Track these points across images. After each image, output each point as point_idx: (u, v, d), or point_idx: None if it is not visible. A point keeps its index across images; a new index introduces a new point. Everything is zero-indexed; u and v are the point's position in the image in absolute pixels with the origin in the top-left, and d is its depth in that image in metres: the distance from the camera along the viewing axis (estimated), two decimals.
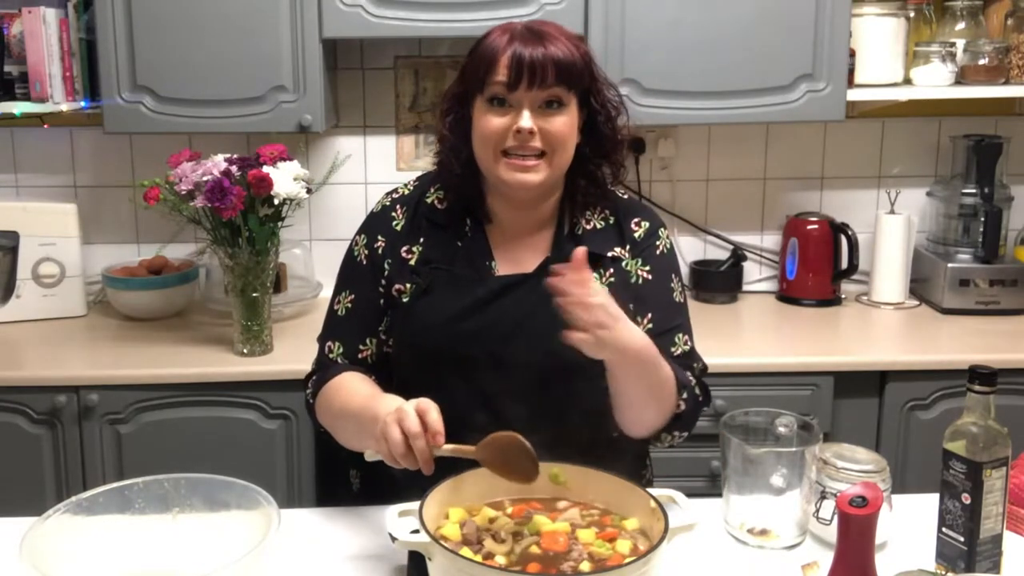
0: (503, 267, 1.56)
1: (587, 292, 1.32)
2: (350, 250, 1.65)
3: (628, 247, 1.59)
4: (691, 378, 1.56)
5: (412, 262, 1.56)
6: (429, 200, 1.60)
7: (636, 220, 1.61)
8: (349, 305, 1.61)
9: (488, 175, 1.52)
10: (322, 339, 1.64)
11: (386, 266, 1.58)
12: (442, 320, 1.51)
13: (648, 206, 1.69)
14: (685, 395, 1.51)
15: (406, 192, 1.64)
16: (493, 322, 1.50)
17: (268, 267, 2.32)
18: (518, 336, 1.50)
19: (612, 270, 1.56)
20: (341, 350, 1.60)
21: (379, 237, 1.60)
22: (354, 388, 1.52)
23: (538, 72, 1.43)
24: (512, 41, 1.45)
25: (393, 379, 1.59)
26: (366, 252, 1.61)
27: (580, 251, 1.33)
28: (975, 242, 2.70)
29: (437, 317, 1.51)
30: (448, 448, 1.28)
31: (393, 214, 1.61)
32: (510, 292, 1.52)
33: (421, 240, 1.57)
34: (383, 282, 1.58)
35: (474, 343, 1.50)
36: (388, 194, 1.67)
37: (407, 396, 1.41)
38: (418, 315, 1.53)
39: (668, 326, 1.58)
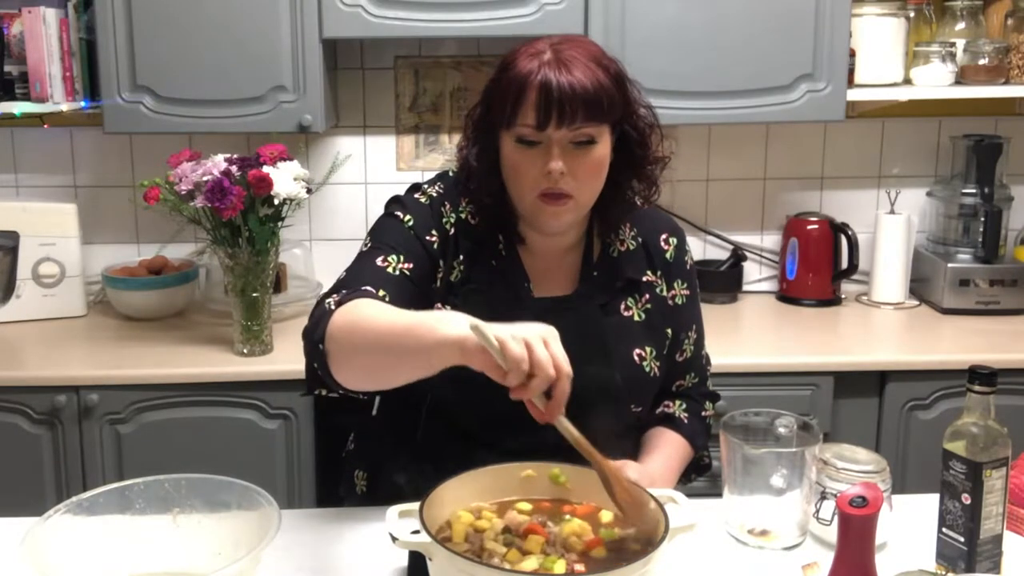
0: (538, 289, 1.52)
1: None
2: (396, 220, 1.50)
3: (660, 271, 1.58)
4: (708, 419, 1.66)
5: (453, 278, 1.50)
6: (463, 215, 1.52)
7: (663, 237, 1.60)
8: (407, 272, 1.44)
9: (522, 211, 1.47)
10: (358, 282, 1.41)
11: (442, 264, 1.49)
12: None
13: (664, 214, 1.65)
14: (707, 453, 1.64)
15: (443, 193, 1.54)
16: None
17: (268, 267, 2.31)
18: None
19: (647, 296, 1.56)
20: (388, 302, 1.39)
21: (432, 232, 1.49)
22: (396, 311, 1.29)
23: (567, 112, 1.36)
24: (539, 72, 1.37)
25: (414, 393, 1.47)
26: (415, 235, 1.48)
27: None
28: (975, 242, 2.71)
29: None
30: (572, 430, 1.18)
31: (443, 210, 1.52)
32: (547, 315, 1.48)
33: (461, 257, 1.50)
34: (441, 280, 1.49)
35: None
36: (428, 185, 1.56)
37: (436, 414, 1.40)
38: None
39: (702, 335, 1.66)
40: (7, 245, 2.59)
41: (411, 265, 1.45)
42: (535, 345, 1.10)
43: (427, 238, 1.49)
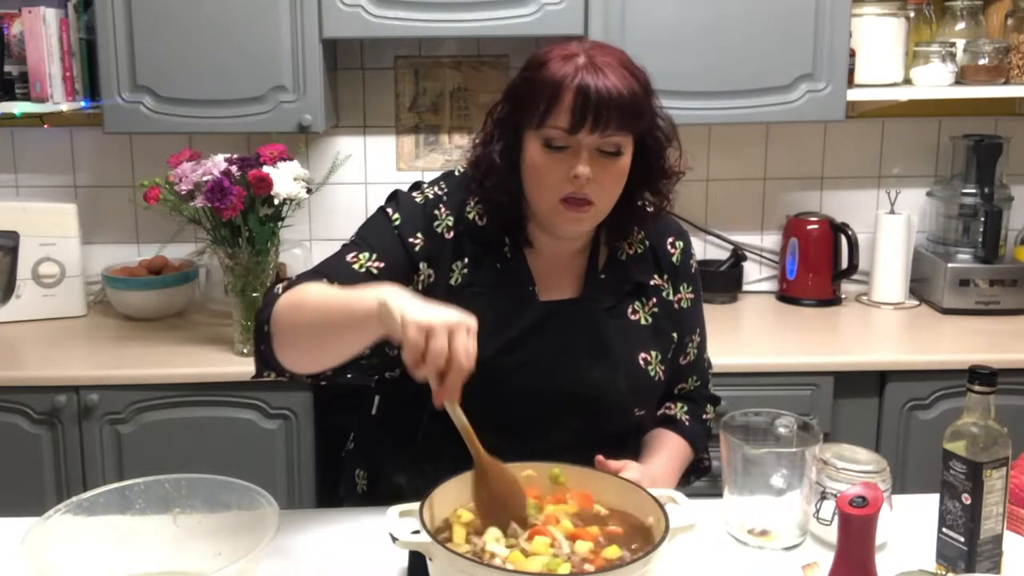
0: (543, 292, 1.51)
1: None
2: (385, 217, 1.50)
3: (667, 275, 1.58)
4: (708, 422, 1.66)
5: (453, 282, 1.48)
6: (470, 215, 1.50)
7: (670, 240, 1.60)
8: (375, 271, 1.44)
9: (539, 214, 1.45)
10: (317, 276, 1.43)
11: (422, 267, 1.47)
12: (485, 354, 1.37)
13: (670, 217, 1.62)
14: (707, 456, 1.64)
15: (443, 195, 1.51)
16: (535, 352, 1.46)
17: (268, 267, 2.32)
18: (559, 367, 1.47)
19: (655, 299, 1.56)
20: None
21: (418, 234, 1.48)
22: (337, 289, 1.33)
23: (602, 117, 1.34)
24: (577, 75, 1.35)
25: (414, 395, 1.48)
26: (399, 235, 1.47)
27: (601, 463, 1.34)
28: (975, 242, 2.71)
29: (480, 351, 1.37)
30: (464, 421, 1.20)
31: (437, 212, 1.49)
32: (552, 319, 1.49)
33: (464, 260, 1.48)
34: (420, 283, 1.48)
35: (515, 375, 1.44)
36: (428, 185, 1.54)
37: (437, 418, 1.40)
38: None
39: (704, 338, 1.66)
40: (7, 245, 2.59)
41: (382, 265, 1.45)
42: (436, 334, 1.12)
43: (410, 240, 1.48)
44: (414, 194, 1.53)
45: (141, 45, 2.39)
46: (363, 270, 1.44)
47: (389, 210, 1.51)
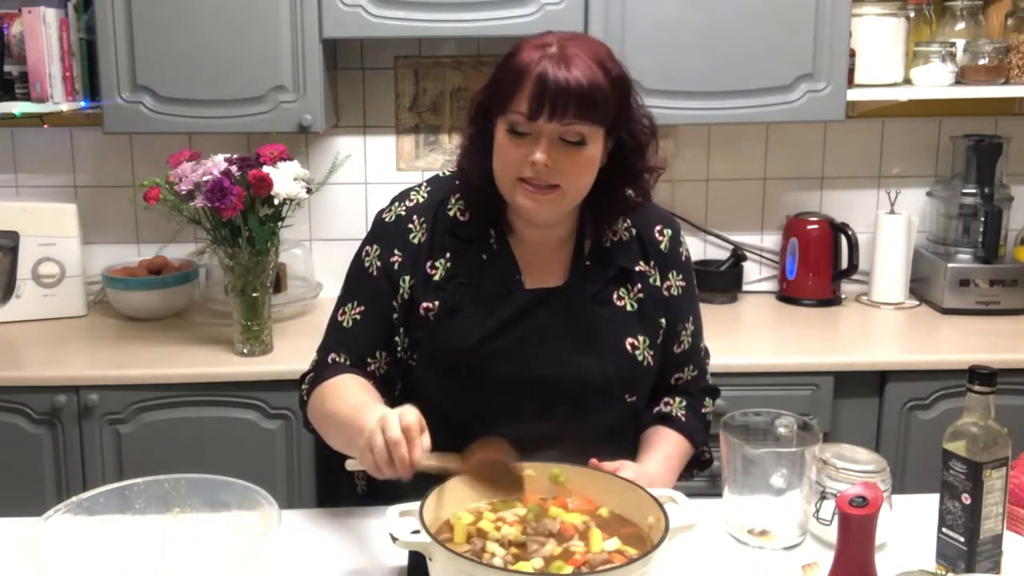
0: (529, 280, 1.53)
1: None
2: (359, 259, 1.58)
3: (654, 261, 1.58)
4: (708, 415, 1.67)
5: (437, 278, 1.51)
6: (451, 212, 1.55)
7: (658, 228, 1.60)
8: (357, 317, 1.55)
9: (503, 194, 1.48)
10: (324, 350, 1.57)
11: (402, 283, 1.52)
12: (471, 341, 1.47)
13: (659, 206, 1.64)
14: (707, 448, 1.64)
15: (420, 200, 1.57)
16: (521, 339, 1.48)
17: (268, 267, 2.31)
18: (546, 353, 1.48)
19: (640, 285, 1.56)
20: (348, 362, 1.54)
21: (395, 251, 1.54)
22: (348, 391, 1.46)
23: (559, 106, 1.37)
24: (540, 63, 1.38)
25: (406, 390, 1.56)
26: (379, 264, 1.54)
27: (595, 465, 1.36)
28: (975, 242, 2.71)
29: (466, 338, 1.47)
30: (432, 462, 1.25)
31: (410, 226, 1.55)
32: (538, 306, 1.50)
33: (447, 255, 1.52)
34: (402, 298, 1.53)
35: (503, 362, 1.47)
36: (400, 201, 1.60)
37: (428, 410, 1.43)
38: (446, 337, 1.49)
39: (700, 328, 1.66)
40: (7, 245, 2.59)
41: (362, 308, 1.55)
42: (374, 445, 1.24)
43: (391, 260, 1.54)
44: (384, 216, 1.59)
45: (141, 45, 2.39)
46: (350, 324, 1.55)
47: (367, 247, 1.58)
